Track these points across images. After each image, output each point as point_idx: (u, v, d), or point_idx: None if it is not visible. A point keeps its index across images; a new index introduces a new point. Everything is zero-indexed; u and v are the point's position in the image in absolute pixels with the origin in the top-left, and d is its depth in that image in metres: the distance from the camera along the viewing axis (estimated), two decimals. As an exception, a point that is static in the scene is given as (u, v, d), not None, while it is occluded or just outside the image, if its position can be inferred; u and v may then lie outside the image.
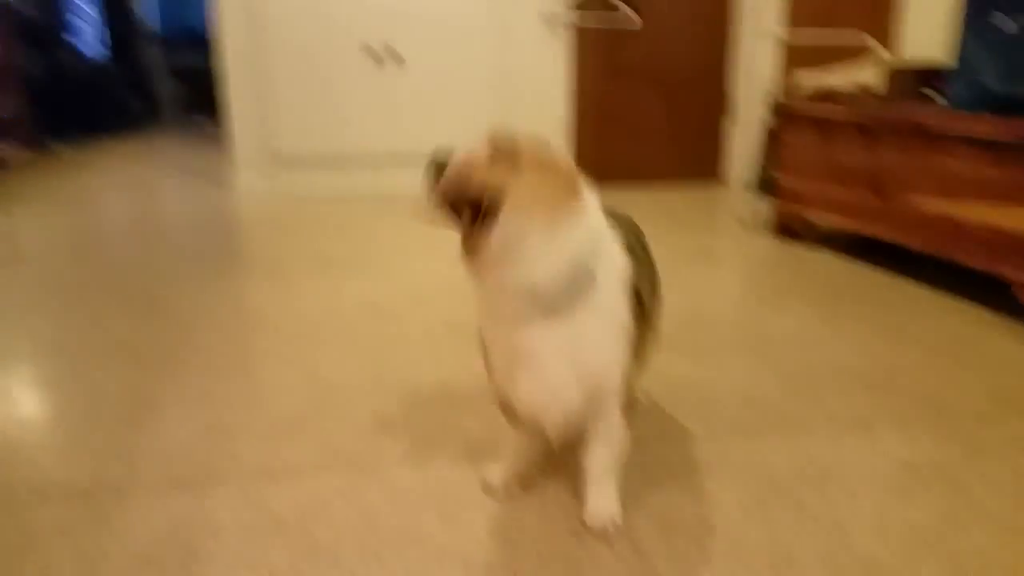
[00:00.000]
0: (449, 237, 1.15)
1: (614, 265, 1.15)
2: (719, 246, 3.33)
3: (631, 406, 1.31)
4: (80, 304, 2.39)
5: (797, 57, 4.14)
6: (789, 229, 3.35)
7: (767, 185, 3.46)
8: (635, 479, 1.46)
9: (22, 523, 1.29)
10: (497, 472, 1.41)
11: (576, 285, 1.08)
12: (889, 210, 2.78)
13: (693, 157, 4.72)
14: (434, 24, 4.15)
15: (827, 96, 3.15)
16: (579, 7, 4.32)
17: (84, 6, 6.52)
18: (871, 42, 3.52)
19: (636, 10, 4.37)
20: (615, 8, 4.34)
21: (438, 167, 1.10)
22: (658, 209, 3.87)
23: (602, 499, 1.32)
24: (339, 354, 2.03)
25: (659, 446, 1.58)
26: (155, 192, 4.22)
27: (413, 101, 4.23)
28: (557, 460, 1.52)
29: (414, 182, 4.26)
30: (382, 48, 4.12)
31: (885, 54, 3.45)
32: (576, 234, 1.08)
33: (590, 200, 1.13)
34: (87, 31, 6.64)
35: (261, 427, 1.64)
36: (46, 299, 2.44)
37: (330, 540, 1.26)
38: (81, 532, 1.27)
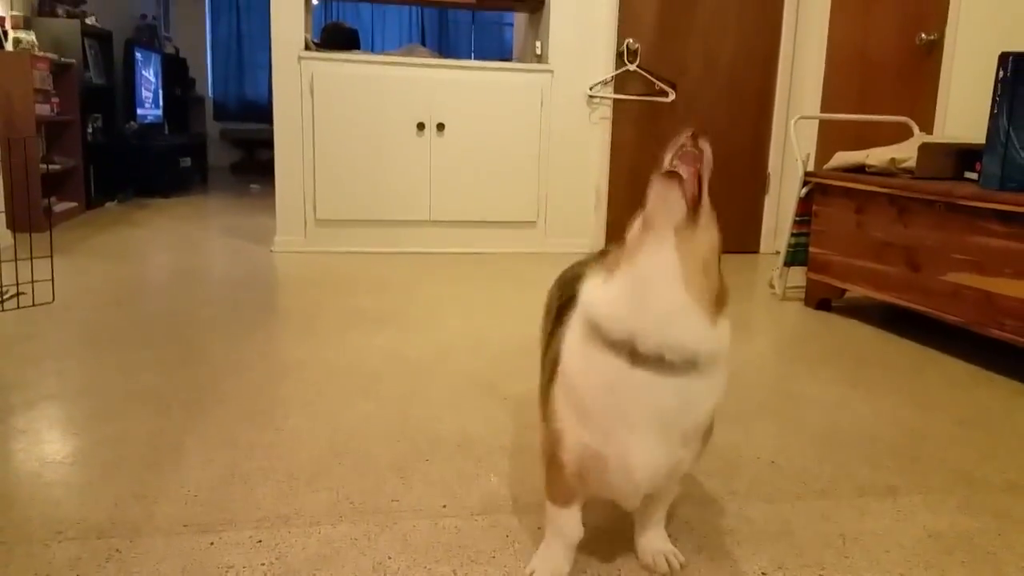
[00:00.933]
0: (477, 296, 1.17)
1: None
2: (751, 314, 3.30)
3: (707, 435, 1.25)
4: (114, 350, 2.45)
5: (836, 138, 4.17)
6: (822, 300, 3.33)
7: (801, 257, 3.45)
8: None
9: (36, 559, 1.31)
10: (552, 558, 1.30)
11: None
12: (922, 283, 2.75)
13: (730, 231, 4.72)
14: (477, 97, 4.28)
15: (862, 171, 3.16)
16: (617, 83, 4.42)
17: (146, 73, 6.84)
18: (910, 123, 3.53)
19: (673, 87, 4.45)
20: (652, 84, 4.44)
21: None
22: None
23: (659, 541, 1.36)
24: (363, 405, 2.05)
25: (681, 508, 1.56)
26: (198, 249, 4.34)
27: (454, 169, 4.32)
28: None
29: (452, 242, 4.38)
30: (428, 120, 4.25)
31: (922, 134, 3.46)
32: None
33: None
34: (147, 97, 6.94)
35: (280, 474, 1.65)
36: (81, 344, 2.50)
37: (339, 585, 1.26)
38: (92, 570, 1.28)
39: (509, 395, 2.17)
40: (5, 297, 2.95)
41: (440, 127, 4.27)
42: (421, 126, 4.26)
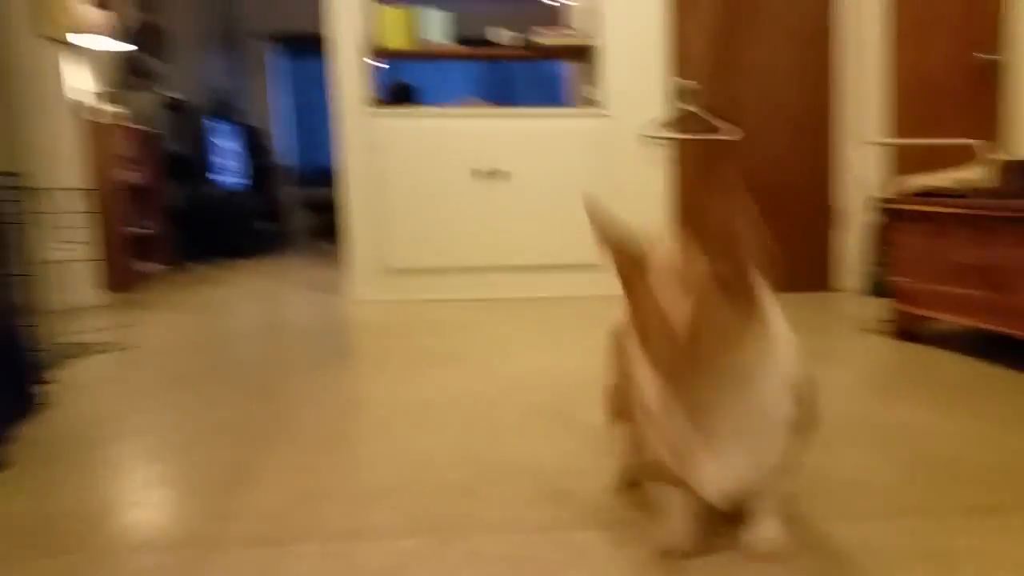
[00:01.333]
0: (543, 336, 1.18)
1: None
2: (833, 347, 3.20)
3: (806, 426, 1.31)
4: (194, 390, 2.51)
5: (903, 164, 4.07)
6: (907, 331, 3.20)
7: (881, 288, 3.34)
8: (727, 557, 1.38)
9: (118, 569, 1.34)
10: (674, 528, 1.37)
11: None
12: (1008, 304, 2.62)
13: (799, 268, 4.62)
14: (535, 144, 4.34)
15: (936, 194, 3.07)
16: (678, 123, 4.43)
17: (227, 142, 7.17)
18: (975, 144, 3.43)
19: (735, 122, 4.43)
20: (713, 124, 4.43)
21: None
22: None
23: (766, 529, 1.36)
24: (432, 435, 2.05)
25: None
26: (276, 301, 4.46)
27: (517, 215, 4.37)
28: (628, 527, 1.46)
29: (517, 287, 4.40)
30: (489, 169, 4.32)
31: (993, 153, 3.35)
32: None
33: None
34: (228, 164, 7.26)
35: (350, 494, 1.65)
36: (163, 386, 2.58)
37: (407, 596, 1.24)
38: (170, 579, 1.30)
39: (577, 423, 2.14)
40: (96, 349, 3.07)
41: (501, 174, 4.34)
42: (481, 173, 4.33)
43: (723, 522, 1.48)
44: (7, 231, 2.24)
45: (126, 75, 5.64)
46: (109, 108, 4.90)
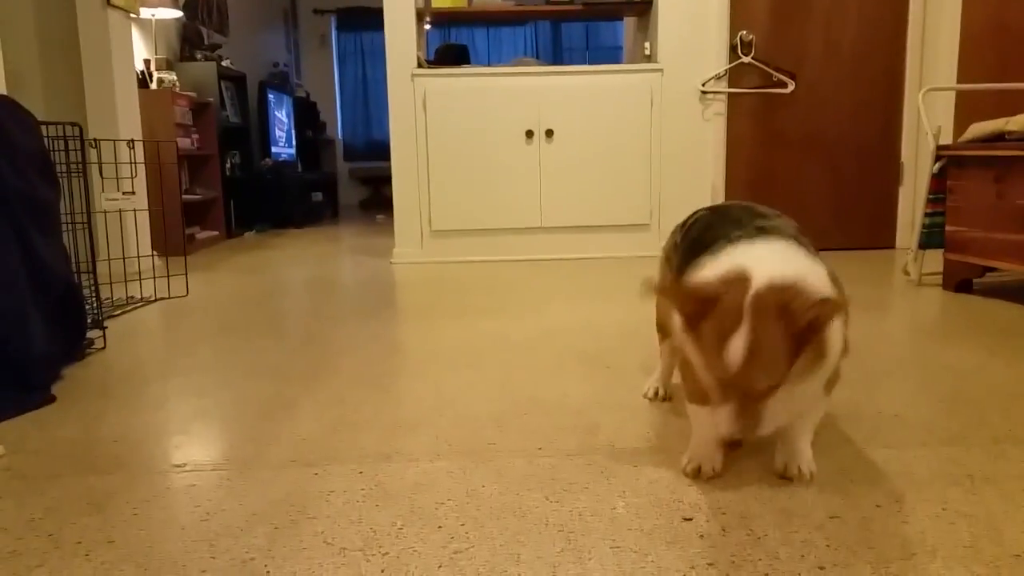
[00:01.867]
0: (586, 292, 1.18)
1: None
2: (885, 298, 3.12)
3: (833, 383, 1.32)
4: (241, 337, 2.58)
5: (974, 112, 3.91)
6: (962, 281, 3.10)
7: (937, 238, 3.24)
8: (756, 477, 1.37)
9: (156, 485, 1.39)
10: (705, 448, 1.39)
11: None
12: (1073, 248, 2.52)
13: (863, 225, 4.50)
14: (585, 102, 4.30)
15: (1000, 139, 2.95)
16: (731, 77, 4.33)
17: (279, 114, 7.27)
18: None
19: (792, 76, 4.32)
20: (769, 76, 4.33)
21: None
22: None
23: (794, 451, 1.36)
24: (466, 373, 2.07)
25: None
26: (324, 263, 4.53)
27: (564, 175, 4.34)
28: (659, 449, 1.46)
29: (564, 248, 4.39)
30: (538, 128, 4.30)
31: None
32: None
33: None
34: (284, 136, 7.37)
35: (384, 424, 1.68)
36: (211, 333, 2.65)
37: (432, 508, 1.27)
38: (203, 494, 1.34)
39: (612, 366, 2.13)
40: (150, 301, 3.17)
41: (549, 134, 4.32)
42: (530, 134, 4.31)
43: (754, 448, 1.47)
44: (65, 180, 2.32)
45: (186, 46, 5.76)
46: (168, 76, 5.02)
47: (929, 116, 3.44)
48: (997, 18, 3.88)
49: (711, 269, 1.23)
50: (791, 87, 4.33)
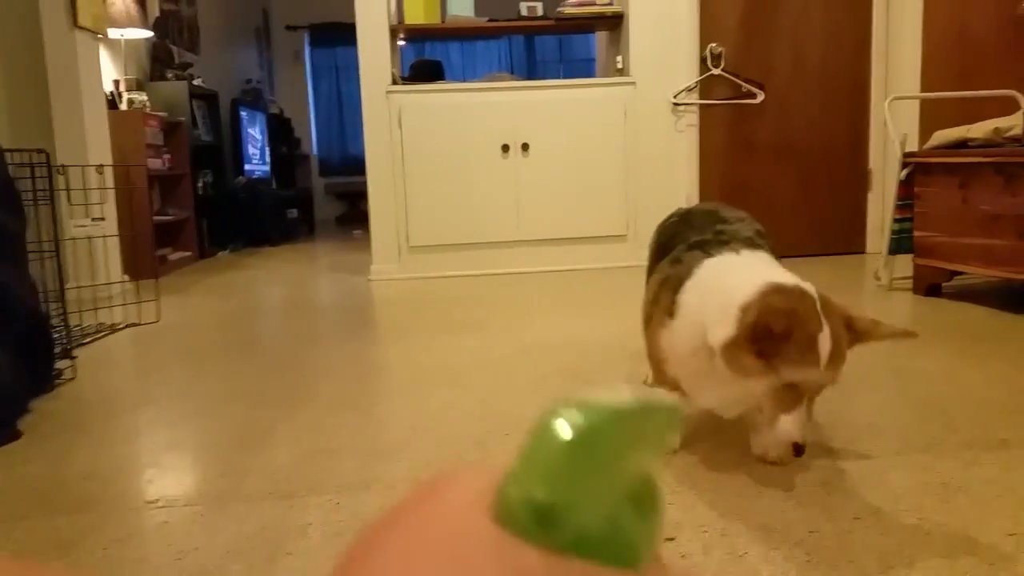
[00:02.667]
0: (566, 306, 1.17)
1: None
2: (856, 304, 3.13)
3: None
4: (214, 363, 2.55)
5: (938, 120, 3.97)
6: (931, 285, 3.14)
7: (906, 244, 3.28)
8: (736, 492, 1.37)
9: (128, 523, 1.37)
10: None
11: None
12: (1039, 252, 2.56)
13: (833, 231, 4.55)
14: (559, 116, 4.31)
15: (963, 145, 3.00)
16: (702, 88, 4.37)
17: (252, 131, 7.24)
18: (1016, 95, 3.34)
19: (760, 87, 4.37)
20: (739, 87, 4.37)
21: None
22: (795, 273, 3.73)
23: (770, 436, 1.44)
24: (446, 393, 2.06)
25: (767, 465, 1.49)
26: (300, 283, 4.51)
27: (540, 188, 4.36)
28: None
29: (542, 261, 4.39)
30: (513, 143, 4.31)
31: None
32: None
33: None
34: (254, 153, 7.33)
35: (363, 450, 1.67)
36: (182, 360, 2.62)
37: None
38: (176, 531, 1.32)
39: (594, 380, 2.14)
40: (118, 328, 3.14)
41: (525, 147, 4.33)
42: (506, 148, 4.32)
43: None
44: (32, 208, 2.29)
45: (156, 65, 5.72)
46: (139, 97, 4.98)
47: (895, 124, 3.49)
48: (957, 28, 3.95)
49: (692, 292, 1.38)
50: (760, 98, 4.38)
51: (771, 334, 1.20)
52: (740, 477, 1.43)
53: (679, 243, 1.51)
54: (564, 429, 0.23)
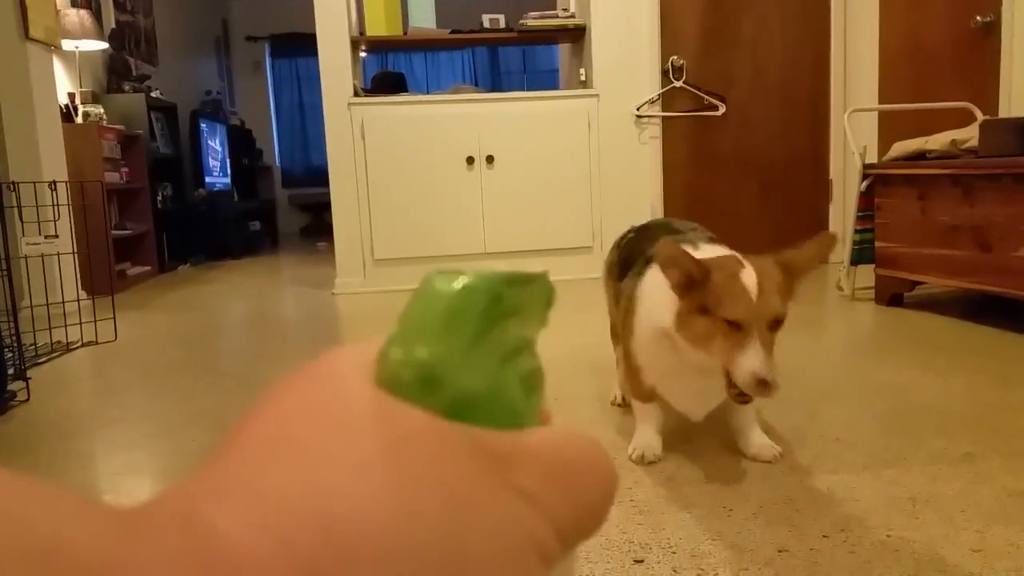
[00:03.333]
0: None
1: None
2: (820, 314, 3.18)
3: None
4: (173, 383, 2.50)
5: (896, 132, 4.04)
6: (893, 295, 3.18)
7: (867, 254, 3.32)
8: (705, 511, 1.36)
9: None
10: (646, 439, 1.62)
11: None
12: (995, 262, 2.60)
13: (792, 242, 4.59)
14: (523, 128, 4.31)
15: (923, 158, 3.05)
16: (664, 101, 4.40)
17: (212, 143, 7.14)
18: (971, 108, 3.40)
19: (722, 100, 4.41)
20: (701, 99, 4.41)
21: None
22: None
23: (757, 437, 1.60)
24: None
25: (738, 482, 1.48)
26: (263, 297, 4.44)
27: (505, 200, 4.35)
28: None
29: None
30: (477, 155, 4.30)
31: (985, 117, 3.32)
32: None
33: None
34: (218, 165, 7.24)
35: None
36: (141, 380, 2.56)
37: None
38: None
39: (561, 396, 2.12)
40: (73, 347, 3.06)
41: (490, 160, 4.32)
42: (471, 160, 4.31)
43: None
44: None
45: (113, 77, 5.62)
46: (95, 110, 4.88)
47: (855, 136, 3.54)
48: (912, 40, 4.02)
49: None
50: (722, 110, 4.42)
51: (693, 280, 1.34)
52: (709, 496, 1.42)
53: (638, 257, 1.61)
54: (442, 291, 0.23)
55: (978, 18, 3.52)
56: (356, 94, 4.27)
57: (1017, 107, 3.31)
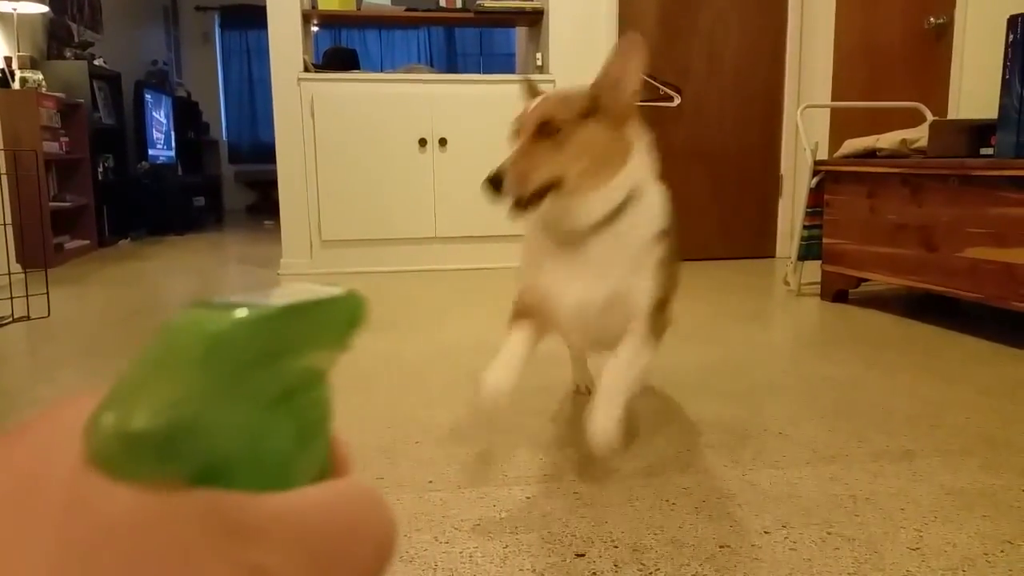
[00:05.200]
0: (481, 306, 1.12)
1: (652, 206, 1.43)
2: (767, 308, 3.21)
3: (659, 332, 1.44)
4: (108, 362, 2.40)
5: (848, 129, 4.09)
6: (839, 292, 3.22)
7: (815, 250, 3.36)
8: (647, 505, 1.35)
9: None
10: (495, 375, 1.40)
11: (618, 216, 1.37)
12: (940, 262, 2.65)
13: (744, 236, 4.64)
14: (477, 111, 4.26)
15: (873, 156, 3.08)
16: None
17: (157, 115, 6.93)
18: (921, 108, 3.45)
19: (678, 91, 4.41)
20: (656, 89, 4.40)
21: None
22: (706, 277, 3.78)
23: (604, 417, 1.30)
24: (355, 400, 1.98)
25: (679, 476, 1.47)
26: (205, 275, 4.33)
27: (457, 184, 4.29)
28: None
29: (459, 259, 4.34)
30: (429, 137, 4.23)
31: (935, 118, 3.38)
32: (625, 178, 1.38)
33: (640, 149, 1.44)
34: (162, 138, 7.03)
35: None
36: (75, 358, 2.47)
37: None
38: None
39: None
40: (4, 323, 2.93)
41: (442, 142, 4.26)
42: (423, 142, 4.24)
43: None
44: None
45: (53, 43, 5.40)
46: (33, 76, 4.68)
47: (807, 131, 3.57)
48: (866, 40, 4.07)
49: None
50: (677, 101, 4.42)
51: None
52: (651, 490, 1.41)
53: None
54: (186, 332, 0.19)
55: (931, 19, 3.57)
56: (307, 69, 4.17)
57: (966, 109, 3.36)
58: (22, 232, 3.87)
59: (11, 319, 2.97)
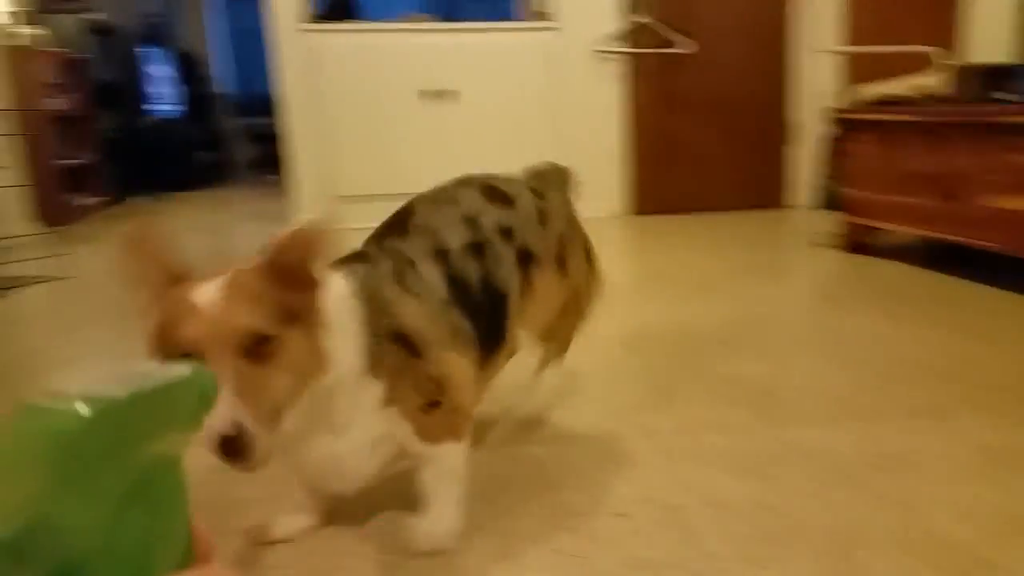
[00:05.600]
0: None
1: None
2: (785, 261, 3.20)
3: (458, 426, 1.13)
4: (132, 321, 2.40)
5: (859, 74, 4.01)
6: (858, 243, 3.20)
7: (833, 200, 3.33)
8: (685, 465, 1.36)
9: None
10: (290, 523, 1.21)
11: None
12: (961, 212, 2.62)
13: (754, 185, 4.59)
14: (481, 61, 4.19)
15: (890, 103, 3.03)
16: (632, 36, 4.30)
17: (161, 69, 6.84)
18: (933, 51, 3.39)
19: (689, 35, 4.32)
20: (668, 37, 4.31)
21: None
22: (718, 231, 3.76)
23: (435, 521, 1.13)
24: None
25: (708, 435, 1.48)
26: (218, 232, 4.32)
27: (467, 135, 4.24)
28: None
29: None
30: (436, 88, 4.17)
31: (948, 59, 3.31)
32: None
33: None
34: (164, 93, 6.94)
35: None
36: (99, 318, 2.47)
37: None
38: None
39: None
40: (31, 282, 2.93)
41: (449, 93, 4.20)
42: (428, 93, 4.18)
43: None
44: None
45: (45, -4, 5.30)
46: (28, 31, 4.60)
47: (816, 78, 3.50)
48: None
49: None
50: (688, 48, 4.33)
51: None
52: (690, 447, 1.42)
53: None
54: (28, 433, 0.19)
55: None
56: (307, 20, 4.08)
57: (977, 51, 3.30)
58: (38, 191, 3.85)
59: (35, 279, 2.97)
